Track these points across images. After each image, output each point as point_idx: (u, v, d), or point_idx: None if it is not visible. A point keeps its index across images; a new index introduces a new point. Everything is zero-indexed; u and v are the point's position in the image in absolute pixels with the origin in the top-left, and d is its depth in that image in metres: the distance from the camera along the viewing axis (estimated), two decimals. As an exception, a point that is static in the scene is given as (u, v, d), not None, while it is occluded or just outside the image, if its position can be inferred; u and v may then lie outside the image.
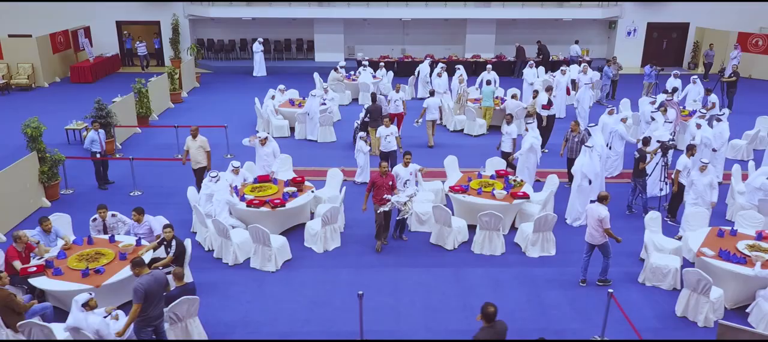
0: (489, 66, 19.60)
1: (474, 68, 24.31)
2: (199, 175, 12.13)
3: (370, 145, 13.62)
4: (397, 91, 16.25)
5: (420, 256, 10.29)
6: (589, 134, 12.01)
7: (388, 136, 13.10)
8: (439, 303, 8.88)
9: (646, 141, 11.80)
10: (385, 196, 9.98)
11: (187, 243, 9.04)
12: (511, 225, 11.12)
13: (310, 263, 10.03)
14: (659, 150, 11.72)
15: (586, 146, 11.10)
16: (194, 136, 11.99)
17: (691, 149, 11.33)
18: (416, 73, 20.96)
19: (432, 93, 16.26)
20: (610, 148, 13.55)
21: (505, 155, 12.87)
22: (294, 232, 10.92)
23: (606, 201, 9.09)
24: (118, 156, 14.88)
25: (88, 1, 25.04)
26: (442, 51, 26.30)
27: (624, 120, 15.14)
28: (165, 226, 8.82)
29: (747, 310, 8.55)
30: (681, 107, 16.89)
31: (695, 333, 8.29)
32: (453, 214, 11.10)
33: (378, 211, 10.10)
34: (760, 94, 21.90)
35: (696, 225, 10.07)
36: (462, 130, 17.16)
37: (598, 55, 26.74)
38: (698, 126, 13.41)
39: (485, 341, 6.26)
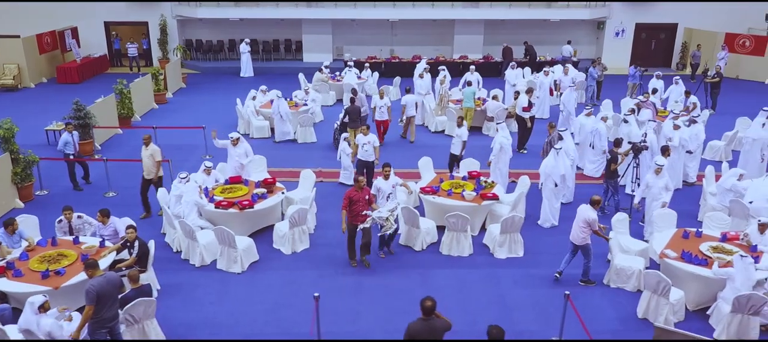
0: (472, 67, 19.58)
1: (461, 69, 24.27)
2: (147, 185, 11.60)
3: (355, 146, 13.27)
4: (382, 97, 15.57)
5: (387, 257, 10.29)
6: (561, 137, 12.00)
7: (365, 144, 12.31)
8: (401, 305, 8.88)
9: (618, 142, 11.80)
10: (364, 212, 9.45)
11: (151, 244, 9.05)
12: (483, 226, 11.12)
13: (278, 265, 10.03)
14: (631, 151, 11.72)
15: (554, 148, 11.10)
16: (146, 145, 11.48)
17: (666, 150, 11.37)
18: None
19: (408, 91, 16.26)
20: (592, 147, 13.60)
21: (454, 158, 12.80)
22: (264, 234, 10.92)
23: (597, 205, 9.14)
24: (96, 157, 14.88)
25: (75, 1, 25.03)
26: (430, 52, 26.29)
27: (604, 119, 15.14)
28: (127, 227, 8.84)
29: (708, 312, 8.55)
30: (662, 108, 16.90)
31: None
32: (424, 216, 11.16)
33: (358, 229, 9.50)
34: (745, 95, 21.88)
35: (663, 226, 10.07)
36: (443, 131, 17.16)
37: (587, 56, 26.72)
38: (675, 127, 13.39)
39: (413, 336, 6.29)
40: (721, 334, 8.06)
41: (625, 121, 13.62)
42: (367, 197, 9.57)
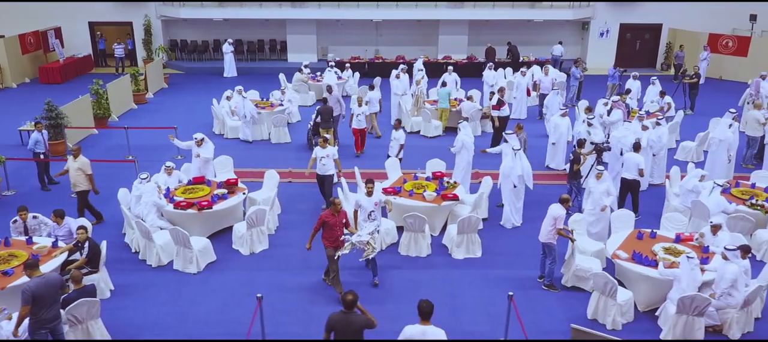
0: (450, 68, 19.60)
1: (445, 69, 24.23)
2: (83, 199, 11.14)
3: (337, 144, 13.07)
4: (360, 105, 14.86)
5: (345, 258, 10.25)
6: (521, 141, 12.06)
7: (324, 158, 11.39)
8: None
9: (581, 143, 11.81)
10: (342, 237, 8.79)
11: (103, 245, 9.06)
12: (445, 226, 11.12)
13: (235, 265, 10.04)
14: (594, 152, 11.72)
15: (513, 149, 11.10)
16: (75, 157, 10.99)
17: (638, 147, 11.50)
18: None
19: (372, 88, 16.43)
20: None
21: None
22: (226, 234, 10.93)
23: (566, 204, 9.15)
24: (68, 157, 14.87)
25: (59, 1, 25.05)
26: (415, 52, 26.26)
27: (588, 109, 15.26)
28: (79, 228, 8.86)
29: (656, 313, 8.55)
30: (637, 108, 16.88)
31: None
32: (386, 216, 11.16)
33: (335, 256, 8.79)
34: (727, 96, 21.80)
35: (621, 227, 10.06)
36: (418, 132, 17.16)
37: (571, 56, 26.72)
38: (644, 128, 13.38)
39: (331, 326, 6.48)
40: (668, 335, 8.07)
41: (590, 125, 13.63)
42: (344, 221, 8.81)
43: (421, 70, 19.39)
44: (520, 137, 12.37)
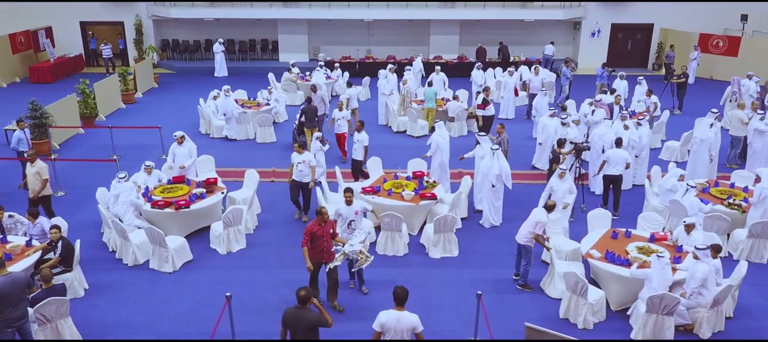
0: (437, 67, 19.61)
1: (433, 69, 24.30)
2: (46, 204, 10.81)
3: (327, 143, 13.05)
4: (341, 109, 14.36)
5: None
6: (500, 142, 12.05)
7: (300, 164, 10.99)
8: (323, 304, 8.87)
9: (561, 142, 11.81)
10: (333, 249, 8.40)
11: (77, 244, 9.06)
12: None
13: (211, 265, 10.05)
14: (573, 151, 11.73)
15: (491, 148, 11.10)
16: (31, 162, 10.66)
17: (619, 143, 11.65)
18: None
19: (349, 85, 16.75)
20: None
21: (357, 164, 12.52)
22: (204, 234, 10.92)
23: (551, 210, 9.18)
24: (53, 157, 14.89)
25: (50, 1, 25.06)
26: (406, 52, 26.31)
27: (563, 108, 15.28)
28: (51, 228, 8.86)
29: (628, 312, 8.55)
30: (625, 108, 16.87)
31: (575, 334, 8.28)
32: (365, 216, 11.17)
33: (328, 269, 8.37)
34: (717, 96, 21.62)
35: (597, 226, 10.06)
36: (405, 132, 17.16)
37: (563, 56, 26.72)
38: (625, 127, 13.38)
39: (285, 320, 6.60)
40: (638, 334, 8.07)
41: (565, 125, 13.68)
42: (331, 231, 8.45)
43: (420, 70, 19.48)
44: (503, 138, 12.37)
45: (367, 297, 9.12)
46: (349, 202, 9.07)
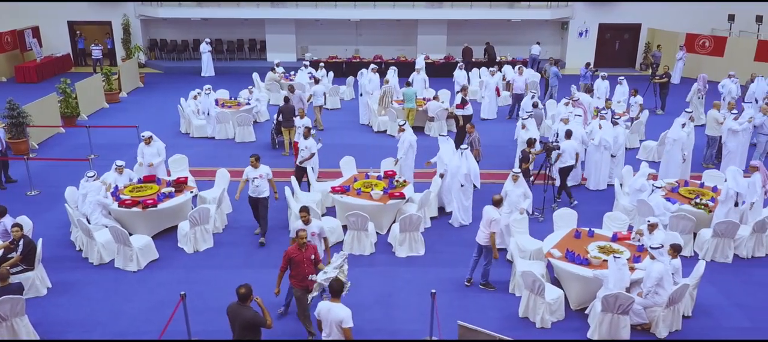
0: (418, 67, 19.62)
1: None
2: None
3: (320, 142, 13.04)
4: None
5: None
6: (471, 142, 12.07)
7: (256, 178, 10.15)
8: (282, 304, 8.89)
9: (531, 142, 11.82)
10: (310, 276, 7.66)
11: (39, 243, 9.09)
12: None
13: (176, 264, 10.06)
14: (543, 151, 11.74)
15: (461, 148, 11.12)
16: None
17: (569, 134, 11.97)
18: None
19: (317, 81, 17.11)
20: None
21: (300, 171, 12.04)
22: (174, 233, 10.91)
23: (499, 204, 9.13)
24: (31, 155, 14.94)
25: (37, 1, 25.08)
26: (394, 52, 26.33)
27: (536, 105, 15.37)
28: (13, 226, 8.89)
29: (586, 312, 8.56)
30: (602, 109, 16.87)
31: (532, 333, 8.32)
32: (336, 216, 11.22)
33: (309, 299, 7.64)
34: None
35: (563, 225, 10.07)
36: (385, 131, 17.18)
37: (552, 57, 26.62)
38: (600, 127, 13.41)
39: (228, 315, 6.70)
40: (593, 334, 8.09)
41: (524, 128, 13.74)
42: (312, 257, 7.71)
43: (393, 69, 19.49)
44: (473, 137, 12.39)
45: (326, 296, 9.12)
46: (306, 222, 8.26)
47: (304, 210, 8.37)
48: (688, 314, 8.58)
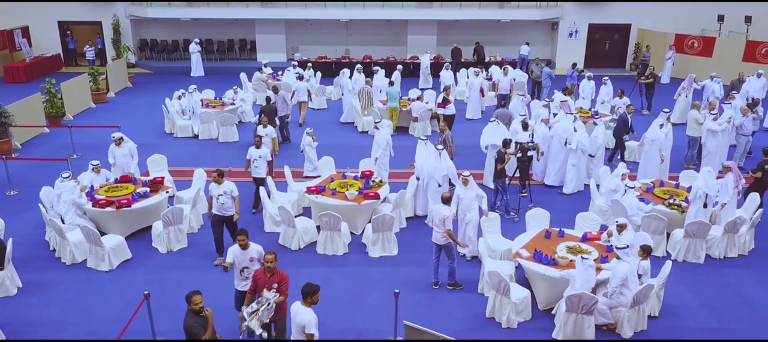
0: (399, 66, 19.69)
1: (412, 69, 24.41)
2: None
3: (316, 140, 13.11)
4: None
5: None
6: (444, 140, 12.10)
7: (220, 196, 9.44)
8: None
9: (507, 143, 11.83)
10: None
11: (9, 243, 9.12)
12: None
13: (149, 263, 10.09)
14: (519, 151, 11.76)
15: (436, 147, 11.14)
16: None
17: (525, 125, 12.45)
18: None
19: (300, 78, 17.39)
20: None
21: (259, 181, 11.52)
22: (149, 232, 10.95)
23: (448, 202, 9.14)
24: (13, 155, 14.98)
25: (26, 0, 25.11)
26: (384, 52, 26.34)
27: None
28: (-18, 226, 8.91)
29: (553, 312, 8.58)
30: (590, 108, 16.92)
31: (497, 334, 8.34)
32: (311, 217, 11.24)
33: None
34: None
35: (535, 225, 10.09)
36: (368, 132, 17.19)
37: (544, 57, 26.72)
38: (575, 129, 13.40)
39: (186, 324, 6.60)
40: (558, 334, 8.11)
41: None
42: (276, 285, 7.09)
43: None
44: (446, 135, 12.41)
45: (297, 296, 9.13)
46: (244, 247, 7.65)
47: (243, 234, 7.69)
48: (655, 314, 8.60)
